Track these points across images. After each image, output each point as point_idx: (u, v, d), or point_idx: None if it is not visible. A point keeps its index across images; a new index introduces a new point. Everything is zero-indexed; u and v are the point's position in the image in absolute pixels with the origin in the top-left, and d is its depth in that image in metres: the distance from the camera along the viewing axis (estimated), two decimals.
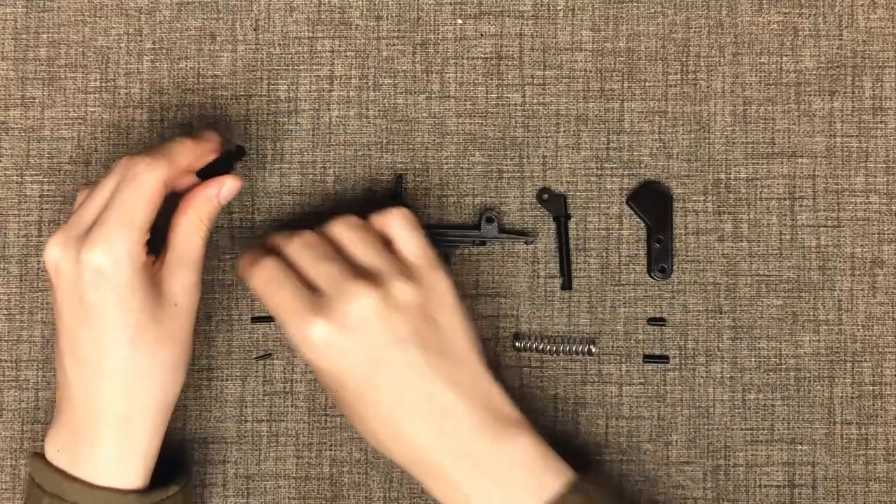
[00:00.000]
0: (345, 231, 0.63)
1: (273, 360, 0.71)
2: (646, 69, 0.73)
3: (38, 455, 0.64)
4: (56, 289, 0.62)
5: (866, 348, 0.71)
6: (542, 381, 0.71)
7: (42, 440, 0.71)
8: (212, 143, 0.65)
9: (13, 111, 0.73)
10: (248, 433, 0.71)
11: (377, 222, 0.64)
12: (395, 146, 0.73)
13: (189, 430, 0.71)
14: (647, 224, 0.71)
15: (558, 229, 0.72)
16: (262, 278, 0.62)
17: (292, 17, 0.73)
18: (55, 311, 0.62)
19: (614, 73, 0.73)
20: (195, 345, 0.66)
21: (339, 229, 0.63)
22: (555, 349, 0.71)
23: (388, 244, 0.64)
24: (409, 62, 0.73)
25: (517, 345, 0.71)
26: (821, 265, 0.71)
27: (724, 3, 0.73)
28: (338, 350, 0.60)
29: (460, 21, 0.73)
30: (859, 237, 0.71)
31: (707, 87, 0.72)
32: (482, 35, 0.73)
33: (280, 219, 0.72)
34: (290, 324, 0.60)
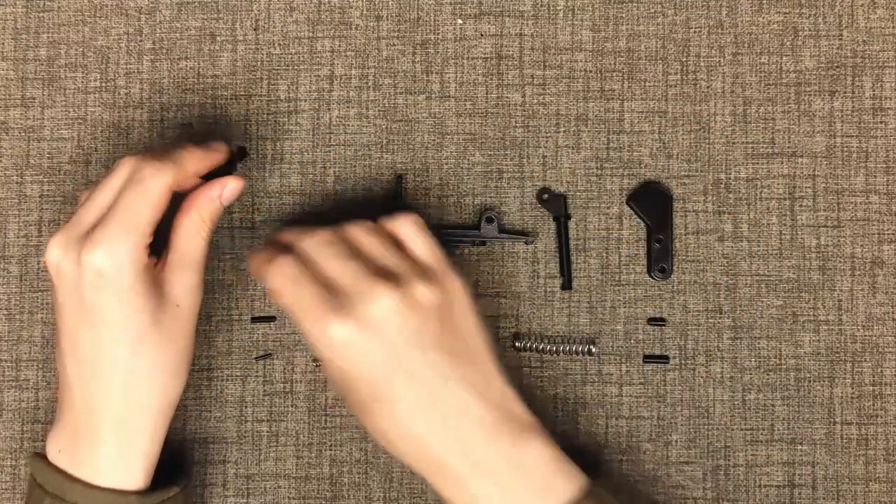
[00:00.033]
0: (359, 232, 0.63)
1: (273, 360, 0.71)
2: (646, 69, 0.73)
3: (40, 455, 0.64)
4: (57, 289, 0.61)
5: (866, 348, 0.71)
6: (542, 381, 0.71)
7: (42, 440, 0.71)
8: (220, 153, 0.65)
9: (13, 111, 0.73)
10: (248, 433, 0.71)
11: (388, 226, 0.64)
12: (395, 146, 0.73)
13: (189, 430, 0.71)
14: (647, 224, 0.71)
15: (558, 229, 0.72)
16: (279, 276, 0.61)
17: (292, 17, 0.73)
18: (56, 311, 0.62)
19: (614, 73, 0.73)
20: (195, 345, 0.66)
21: (352, 230, 0.63)
22: (555, 349, 0.71)
23: (399, 247, 0.63)
24: (409, 62, 0.73)
25: (517, 345, 0.71)
26: (821, 265, 0.71)
27: (724, 3, 0.73)
28: (357, 350, 0.59)
29: (460, 21, 0.73)
30: (859, 237, 0.71)
31: (707, 87, 0.72)
32: (482, 35, 0.73)
33: (280, 219, 0.72)
34: (309, 322, 0.60)
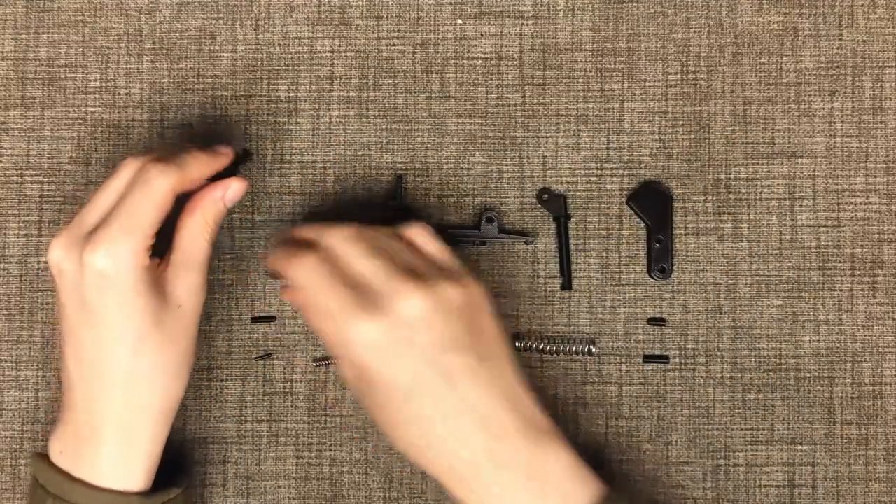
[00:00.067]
0: (377, 233, 0.62)
1: (273, 360, 0.71)
2: (646, 69, 0.73)
3: (42, 455, 0.64)
4: (59, 289, 0.61)
5: (866, 348, 0.71)
6: (542, 381, 0.71)
7: (42, 440, 0.71)
8: (225, 156, 0.65)
9: (13, 111, 0.73)
10: (248, 433, 0.71)
11: (400, 232, 0.63)
12: (395, 146, 0.73)
13: (189, 430, 0.71)
14: (647, 224, 0.71)
15: (558, 229, 0.71)
16: (304, 273, 0.60)
17: (292, 17, 0.73)
18: (58, 311, 0.62)
19: (614, 73, 0.73)
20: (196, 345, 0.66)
21: (371, 231, 0.62)
22: (555, 349, 0.71)
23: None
24: (409, 62, 0.73)
25: (517, 345, 0.71)
26: (821, 265, 0.71)
27: (724, 3, 0.73)
28: (387, 351, 0.58)
29: (460, 21, 0.73)
30: (859, 237, 0.71)
31: (707, 87, 0.72)
32: (482, 35, 0.73)
33: (280, 219, 0.72)
34: (337, 321, 0.58)
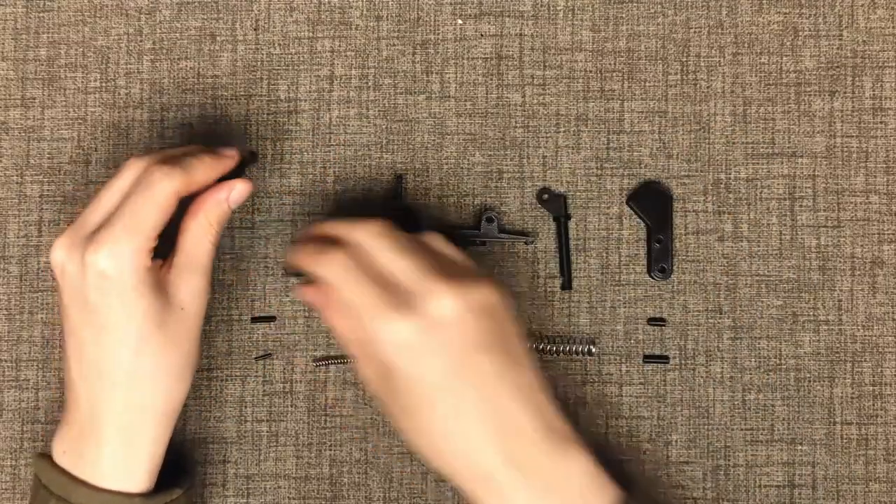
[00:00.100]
0: (403, 235, 0.61)
1: (273, 360, 0.71)
2: (646, 69, 0.73)
3: (45, 456, 0.64)
4: (61, 289, 0.61)
5: (866, 348, 0.71)
6: None
7: (42, 440, 0.71)
8: (231, 159, 0.64)
9: (13, 111, 0.73)
10: (248, 433, 0.71)
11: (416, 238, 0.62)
12: (395, 146, 0.73)
13: (189, 430, 0.71)
14: (647, 224, 0.71)
15: (558, 229, 0.71)
16: (331, 268, 0.59)
17: (292, 17, 0.73)
18: (61, 311, 0.62)
19: (614, 73, 0.73)
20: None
21: (399, 231, 0.61)
22: (555, 349, 0.70)
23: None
24: (409, 62, 0.73)
25: None
26: (821, 265, 0.71)
27: (724, 3, 0.73)
28: (417, 351, 0.57)
29: (460, 21, 0.73)
30: (859, 237, 0.71)
31: (707, 87, 0.72)
32: (482, 35, 0.73)
33: (280, 219, 0.72)
34: (365, 318, 0.58)
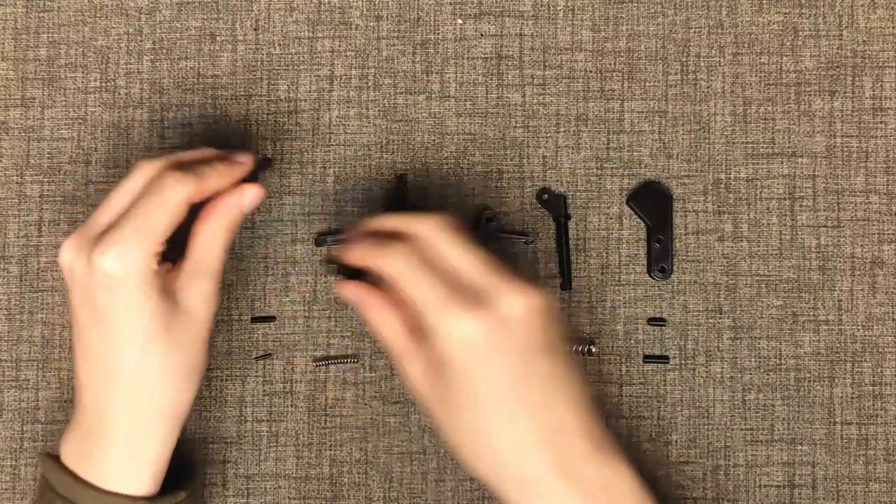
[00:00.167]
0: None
1: (273, 360, 0.71)
2: (646, 69, 0.73)
3: (53, 456, 0.64)
4: (70, 290, 0.62)
5: (866, 348, 0.71)
6: None
7: (42, 440, 0.71)
8: (245, 167, 0.64)
9: (13, 111, 0.73)
10: (248, 433, 0.71)
11: None
12: (395, 146, 0.73)
13: (189, 430, 0.71)
14: (647, 224, 0.71)
15: (558, 229, 0.71)
16: (399, 264, 0.58)
17: (292, 17, 0.73)
18: (70, 311, 0.62)
19: (614, 73, 0.73)
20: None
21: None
22: None
23: None
24: (409, 62, 0.73)
25: None
26: (821, 265, 0.71)
27: (724, 3, 0.73)
28: (483, 350, 0.56)
29: (460, 21, 0.73)
30: (859, 237, 0.71)
31: (707, 87, 0.72)
32: (482, 35, 0.73)
33: (280, 219, 0.72)
34: (431, 314, 0.56)
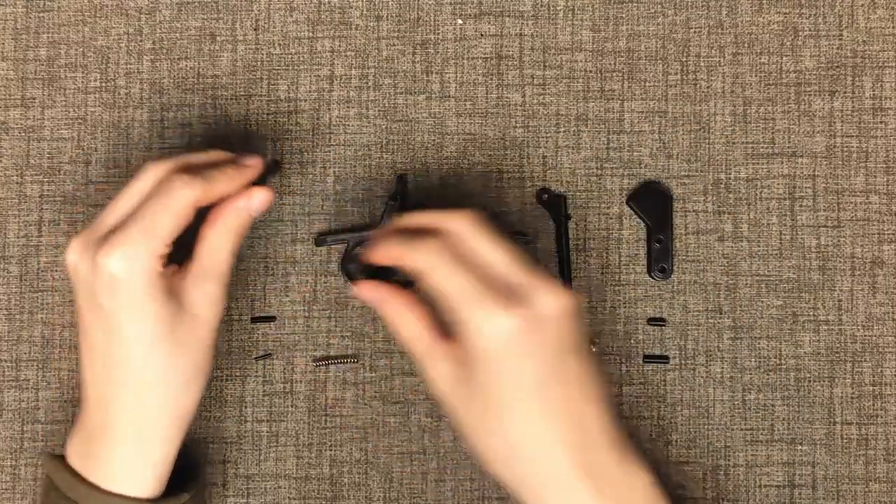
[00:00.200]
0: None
1: (273, 360, 0.71)
2: (646, 69, 0.73)
3: (58, 456, 0.64)
4: (75, 290, 0.62)
5: (866, 348, 0.71)
6: None
7: (42, 440, 0.71)
8: (254, 171, 0.64)
9: (13, 111, 0.73)
10: (248, 433, 0.71)
11: None
12: (395, 146, 0.73)
13: (189, 431, 0.71)
14: (647, 224, 0.71)
15: (558, 229, 0.71)
16: (431, 258, 0.57)
17: (292, 17, 0.73)
18: (76, 312, 0.62)
19: (614, 73, 0.73)
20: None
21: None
22: None
23: None
24: (409, 62, 0.73)
25: None
26: (821, 265, 0.71)
27: (724, 3, 0.73)
28: (516, 348, 0.56)
29: (460, 21, 0.73)
30: (859, 237, 0.71)
31: (707, 87, 0.72)
32: (482, 35, 0.73)
33: (280, 219, 0.72)
34: (465, 310, 0.56)
